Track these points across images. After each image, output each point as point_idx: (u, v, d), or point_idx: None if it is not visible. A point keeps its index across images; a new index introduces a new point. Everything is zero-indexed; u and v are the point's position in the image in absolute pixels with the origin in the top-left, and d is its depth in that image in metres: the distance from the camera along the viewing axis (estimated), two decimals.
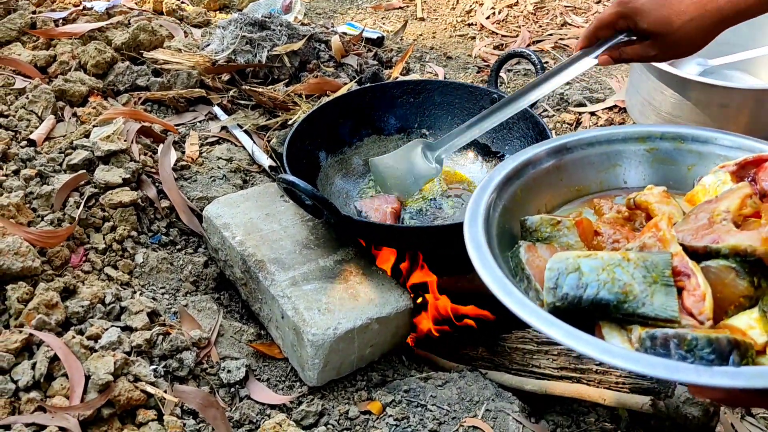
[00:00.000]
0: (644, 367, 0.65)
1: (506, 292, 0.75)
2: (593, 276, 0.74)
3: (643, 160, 0.98)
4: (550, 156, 0.98)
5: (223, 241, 1.41)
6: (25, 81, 1.77)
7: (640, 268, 0.74)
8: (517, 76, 2.29)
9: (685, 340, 0.67)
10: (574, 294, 0.73)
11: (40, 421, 1.03)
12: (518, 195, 0.93)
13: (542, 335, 1.29)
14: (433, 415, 1.21)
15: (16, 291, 1.19)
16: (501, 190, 0.92)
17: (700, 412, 1.16)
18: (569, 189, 0.98)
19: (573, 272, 0.74)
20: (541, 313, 0.72)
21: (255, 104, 1.92)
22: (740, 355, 0.67)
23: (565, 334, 0.69)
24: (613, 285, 0.73)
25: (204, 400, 1.16)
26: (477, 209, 0.87)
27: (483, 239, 0.82)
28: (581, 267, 0.75)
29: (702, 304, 0.72)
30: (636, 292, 0.72)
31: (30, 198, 1.40)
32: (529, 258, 0.82)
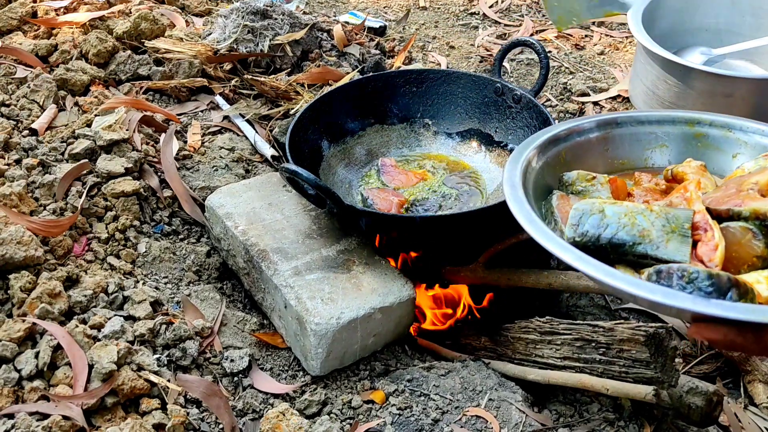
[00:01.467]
0: (644, 291, 0.69)
1: (530, 221, 0.81)
2: (615, 219, 0.80)
3: (689, 144, 1.01)
4: (599, 127, 1.02)
5: (225, 231, 1.41)
6: (26, 70, 1.76)
7: (661, 218, 0.79)
8: (521, 66, 2.28)
9: (687, 273, 0.71)
10: (593, 232, 0.79)
11: (44, 409, 1.03)
12: (562, 156, 0.99)
13: (544, 326, 1.29)
14: (436, 404, 1.21)
15: (18, 280, 1.19)
16: (545, 148, 0.97)
17: (703, 402, 1.16)
18: (613, 161, 1.02)
19: (596, 214, 0.80)
20: (555, 238, 0.77)
21: (257, 94, 1.91)
22: (739, 294, 0.70)
23: (576, 257, 0.75)
24: (632, 228, 0.79)
25: (207, 389, 1.16)
26: (519, 158, 0.93)
27: (519, 180, 0.88)
28: (605, 210, 0.81)
29: (713, 253, 0.76)
30: (652, 237, 0.78)
31: (32, 187, 1.40)
32: (560, 204, 0.88)
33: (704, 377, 1.32)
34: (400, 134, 1.70)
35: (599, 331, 1.22)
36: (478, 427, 1.17)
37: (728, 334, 0.68)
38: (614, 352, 1.20)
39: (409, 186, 1.57)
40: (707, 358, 1.36)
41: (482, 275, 1.43)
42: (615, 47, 2.40)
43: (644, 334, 1.17)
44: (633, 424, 1.22)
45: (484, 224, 1.45)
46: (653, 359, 1.16)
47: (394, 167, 1.61)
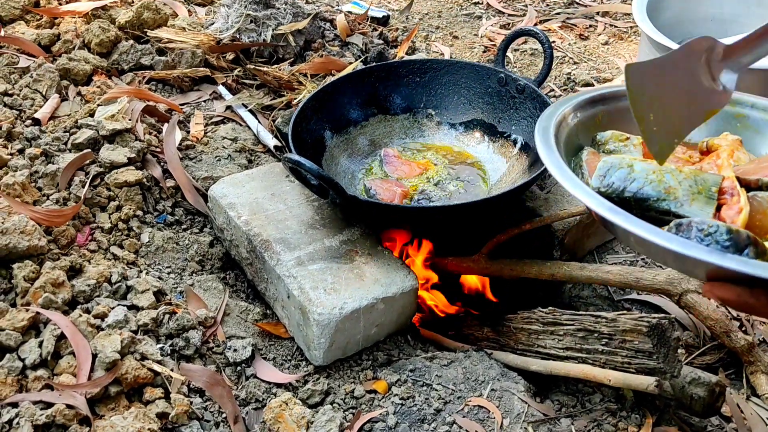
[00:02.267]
0: (662, 239, 0.68)
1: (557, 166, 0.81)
2: (642, 174, 0.80)
3: (729, 123, 0.99)
4: None
5: (228, 221, 1.41)
6: (29, 60, 1.76)
7: (690, 180, 0.80)
8: (524, 56, 2.27)
9: (707, 226, 0.71)
10: (619, 184, 0.80)
11: (48, 398, 1.04)
12: (599, 117, 0.98)
13: (547, 316, 1.30)
14: (439, 394, 1.21)
15: (22, 270, 1.19)
16: (582, 107, 0.96)
17: (705, 393, 1.16)
18: None
19: (625, 168, 0.81)
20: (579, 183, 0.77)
21: (260, 84, 1.91)
22: (756, 253, 0.69)
23: (598, 203, 0.74)
24: (659, 185, 0.79)
25: (211, 379, 1.16)
26: (554, 111, 0.92)
27: (552, 131, 0.88)
28: (634, 165, 0.81)
29: (737, 216, 0.76)
30: (678, 195, 0.79)
31: (35, 177, 1.40)
32: (589, 159, 0.89)
33: (707, 368, 1.32)
34: (403, 124, 1.70)
35: (602, 322, 1.23)
36: (481, 417, 1.17)
37: (742, 294, 0.67)
38: (617, 342, 1.20)
39: (412, 176, 1.56)
40: (710, 349, 1.36)
41: (485, 266, 1.43)
42: (619, 37, 2.39)
43: (647, 324, 1.17)
44: (635, 414, 1.22)
45: (487, 215, 1.45)
46: (656, 350, 1.16)
47: (397, 158, 1.61)
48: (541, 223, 1.39)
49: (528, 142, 1.55)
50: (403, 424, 1.15)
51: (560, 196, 1.51)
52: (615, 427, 1.20)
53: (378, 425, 1.15)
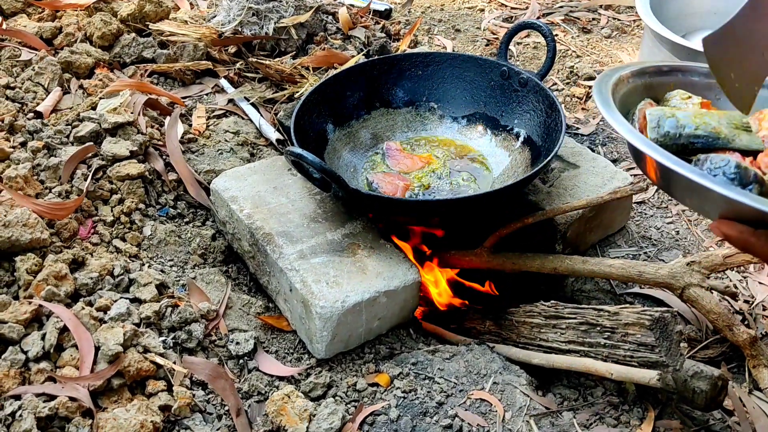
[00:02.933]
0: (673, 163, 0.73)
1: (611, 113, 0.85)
2: (688, 120, 0.85)
3: None
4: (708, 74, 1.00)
5: (230, 214, 1.41)
6: (31, 53, 1.76)
7: (724, 118, 0.86)
8: (527, 49, 2.27)
9: (719, 159, 0.77)
10: (674, 132, 0.85)
11: (51, 391, 1.04)
12: (670, 87, 1.01)
13: (549, 310, 1.29)
14: (441, 387, 1.21)
15: (24, 262, 1.19)
16: (654, 73, 1.01)
17: (707, 386, 1.16)
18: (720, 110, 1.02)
19: (671, 117, 0.86)
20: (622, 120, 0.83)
21: (262, 77, 1.90)
22: (760, 191, 0.74)
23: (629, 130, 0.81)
24: (706, 126, 0.85)
25: (213, 372, 1.17)
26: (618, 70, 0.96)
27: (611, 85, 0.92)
28: (676, 114, 0.86)
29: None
30: (725, 132, 0.84)
31: (37, 170, 1.40)
32: (643, 107, 0.93)
33: (709, 362, 1.32)
34: (405, 118, 1.70)
35: (604, 315, 1.22)
36: (483, 410, 1.18)
37: (744, 232, 0.71)
38: (619, 336, 1.20)
39: (414, 170, 1.56)
40: (712, 343, 1.36)
41: (487, 259, 1.43)
42: (622, 31, 2.38)
43: (649, 318, 1.17)
44: (637, 408, 1.22)
45: (490, 208, 1.45)
46: (658, 343, 1.16)
47: (399, 151, 1.61)
48: (543, 216, 1.39)
49: (530, 136, 1.55)
50: (405, 417, 1.15)
51: (563, 190, 1.50)
52: (617, 421, 1.20)
53: (380, 418, 1.15)
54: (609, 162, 1.60)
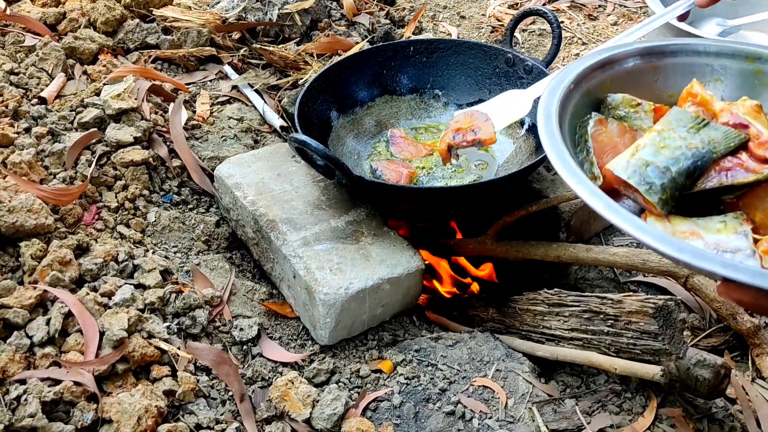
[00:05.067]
0: (672, 249, 0.66)
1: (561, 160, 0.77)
2: (662, 158, 0.78)
3: (746, 80, 0.95)
4: (649, 56, 0.96)
5: (234, 201, 1.41)
6: (35, 38, 1.75)
7: (676, 129, 0.80)
8: (532, 36, 2.25)
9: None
10: (667, 180, 0.77)
11: (56, 375, 1.04)
12: (607, 84, 0.94)
13: (552, 298, 1.29)
14: (444, 374, 1.22)
15: (29, 248, 1.19)
16: (586, 77, 0.92)
17: (710, 374, 1.16)
18: (662, 93, 0.97)
19: (647, 166, 0.78)
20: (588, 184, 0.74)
21: (266, 63, 1.90)
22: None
23: (606, 206, 0.71)
24: (680, 151, 0.78)
25: (217, 357, 1.17)
26: (558, 86, 0.88)
27: (555, 110, 0.84)
28: (646, 158, 0.79)
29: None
30: (696, 143, 0.78)
31: (42, 156, 1.40)
32: (596, 131, 0.86)
33: (712, 350, 1.32)
34: (409, 105, 1.69)
35: (607, 303, 1.22)
36: (485, 397, 1.18)
37: (758, 297, 0.66)
38: (622, 324, 1.20)
39: (418, 157, 1.56)
40: (715, 332, 1.36)
41: (491, 247, 1.43)
42: (629, 17, 2.37)
43: (653, 306, 1.17)
44: (639, 395, 1.22)
45: (494, 196, 1.45)
46: (661, 331, 1.16)
47: (403, 138, 1.61)
48: (547, 204, 1.39)
49: (535, 123, 1.54)
50: (408, 404, 1.16)
51: None
52: (619, 408, 1.20)
53: (383, 404, 1.16)
54: None
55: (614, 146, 0.86)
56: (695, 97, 0.87)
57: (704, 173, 0.79)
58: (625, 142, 0.86)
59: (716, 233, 0.75)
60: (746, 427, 1.20)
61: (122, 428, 1.01)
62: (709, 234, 0.76)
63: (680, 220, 0.77)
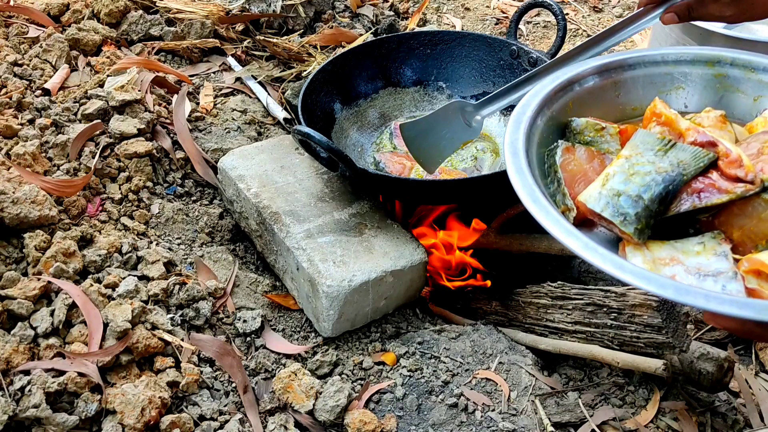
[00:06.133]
0: (655, 286, 0.65)
1: (533, 200, 0.76)
2: (633, 186, 0.77)
3: (708, 85, 0.95)
4: (608, 72, 0.95)
5: (238, 193, 1.41)
6: (38, 30, 1.75)
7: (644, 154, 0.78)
8: (537, 28, 2.24)
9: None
10: (640, 209, 0.76)
11: (60, 366, 1.05)
12: (569, 107, 0.93)
13: (556, 291, 1.29)
14: (447, 366, 1.22)
15: (33, 239, 1.19)
16: (548, 102, 0.91)
17: (714, 368, 1.16)
18: (625, 107, 0.96)
19: (620, 197, 0.77)
20: (563, 223, 0.73)
21: (269, 55, 1.89)
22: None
23: (583, 246, 0.70)
24: (650, 176, 0.77)
25: (220, 349, 1.17)
26: (521, 117, 0.87)
27: (521, 145, 0.83)
28: (617, 188, 0.77)
29: (742, 168, 0.75)
30: (665, 167, 0.77)
31: (46, 147, 1.40)
32: (564, 161, 0.84)
33: (716, 344, 1.31)
34: (413, 97, 1.69)
35: (611, 297, 1.22)
36: (488, 390, 1.18)
37: (746, 323, 0.67)
38: (626, 317, 1.20)
39: None
40: None
41: (494, 240, 1.42)
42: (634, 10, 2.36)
43: (657, 299, 1.17)
44: (642, 388, 1.22)
45: (497, 189, 1.44)
46: (665, 324, 1.16)
47: None
48: None
49: None
50: (410, 396, 1.16)
51: None
52: (622, 402, 1.20)
53: (386, 396, 1.16)
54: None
55: (584, 174, 0.84)
56: (660, 117, 0.86)
57: (676, 196, 0.77)
58: (594, 167, 0.84)
59: (696, 256, 0.74)
60: (749, 421, 1.20)
61: (126, 419, 1.01)
62: (689, 258, 0.74)
63: (658, 245, 0.76)
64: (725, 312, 0.63)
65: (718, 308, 0.63)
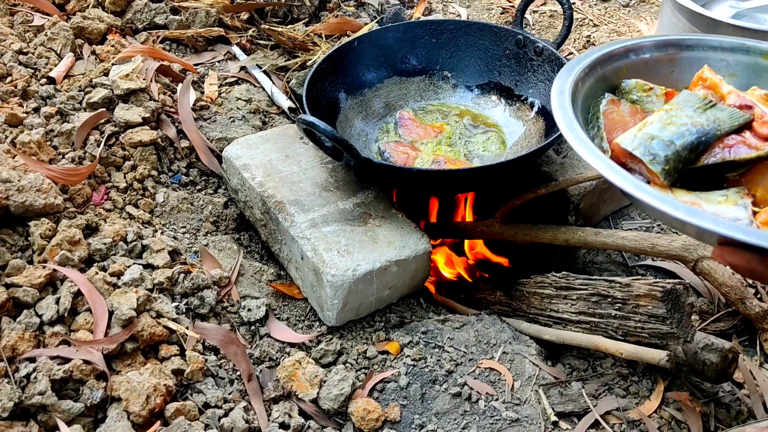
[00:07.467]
0: (668, 206, 0.68)
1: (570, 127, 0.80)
2: (667, 132, 0.81)
3: (760, 76, 0.96)
4: (667, 47, 0.98)
5: (242, 182, 1.41)
6: (43, 18, 1.75)
7: (684, 109, 0.82)
8: (543, 17, 2.23)
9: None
10: (671, 153, 0.80)
11: (65, 354, 1.05)
12: (623, 71, 0.97)
13: (560, 281, 1.29)
14: (450, 356, 1.22)
15: (38, 227, 1.20)
16: (603, 63, 0.94)
17: (718, 359, 1.16)
18: (676, 85, 0.98)
19: (653, 140, 0.81)
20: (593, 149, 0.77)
21: (274, 44, 1.89)
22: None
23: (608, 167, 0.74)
24: (685, 127, 0.81)
25: (225, 337, 1.18)
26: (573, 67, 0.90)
27: (568, 88, 0.87)
28: (652, 133, 0.81)
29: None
30: (702, 122, 0.81)
31: (51, 136, 1.40)
32: (607, 110, 0.89)
33: (720, 334, 1.31)
34: (418, 87, 1.68)
35: (615, 287, 1.22)
36: (492, 380, 1.18)
37: (752, 261, 0.67)
38: (630, 307, 1.20)
39: (426, 139, 1.55)
40: (724, 316, 1.35)
41: (499, 230, 1.42)
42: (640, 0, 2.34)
43: (661, 289, 1.17)
44: (646, 379, 1.22)
45: (502, 179, 1.44)
46: (669, 315, 1.16)
47: (411, 120, 1.60)
48: (556, 187, 1.38)
49: (545, 106, 1.53)
50: (414, 385, 1.16)
51: (576, 161, 1.49)
52: (626, 392, 1.20)
53: (390, 385, 1.16)
54: None
55: (624, 124, 0.87)
56: (705, 81, 0.89)
57: (708, 149, 0.81)
58: (635, 121, 0.88)
59: (716, 204, 0.77)
60: (753, 412, 1.20)
61: (131, 406, 1.02)
62: (710, 205, 0.77)
63: (683, 192, 0.80)
64: (731, 236, 0.64)
65: (724, 231, 0.65)
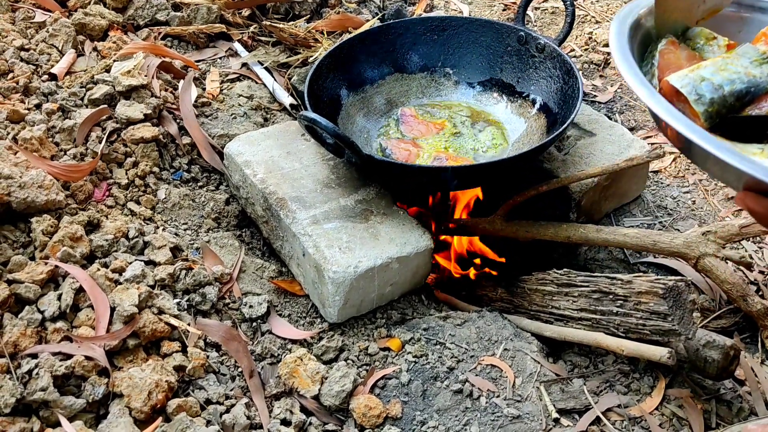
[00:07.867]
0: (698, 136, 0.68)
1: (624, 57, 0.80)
2: (718, 77, 0.81)
3: None
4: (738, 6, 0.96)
5: (244, 179, 1.41)
6: (45, 14, 1.75)
7: (740, 59, 0.83)
8: (545, 14, 2.23)
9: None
10: (717, 96, 0.80)
11: (67, 350, 1.05)
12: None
13: (562, 278, 1.29)
14: (452, 353, 1.22)
15: (40, 223, 1.20)
16: None
17: (720, 356, 1.16)
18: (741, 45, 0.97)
19: (702, 81, 0.81)
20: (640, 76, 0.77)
21: (276, 41, 1.89)
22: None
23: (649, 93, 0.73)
24: (737, 75, 0.81)
25: (227, 334, 1.18)
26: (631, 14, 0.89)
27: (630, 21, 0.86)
28: (703, 75, 0.81)
29: None
30: (756, 73, 0.81)
31: (52, 132, 1.40)
32: (665, 49, 0.89)
33: (722, 332, 1.31)
34: (420, 83, 1.68)
35: (617, 284, 1.22)
36: (493, 376, 1.18)
37: None
38: (632, 304, 1.19)
39: (428, 136, 1.55)
40: (726, 313, 1.35)
41: (501, 227, 1.42)
42: None
43: (663, 286, 1.17)
44: (648, 376, 1.22)
45: (504, 176, 1.44)
46: (671, 312, 1.16)
47: (413, 117, 1.60)
48: (558, 184, 1.38)
49: (547, 103, 1.53)
50: (416, 382, 1.16)
51: (578, 158, 1.49)
52: (627, 389, 1.20)
53: (391, 382, 1.17)
54: (626, 130, 1.58)
55: (679, 66, 0.87)
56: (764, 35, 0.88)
57: (755, 101, 0.81)
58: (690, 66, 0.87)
59: (752, 155, 0.77)
60: (755, 409, 1.20)
61: (133, 402, 1.02)
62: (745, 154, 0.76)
63: (719, 138, 0.78)
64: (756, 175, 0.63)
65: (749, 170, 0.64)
